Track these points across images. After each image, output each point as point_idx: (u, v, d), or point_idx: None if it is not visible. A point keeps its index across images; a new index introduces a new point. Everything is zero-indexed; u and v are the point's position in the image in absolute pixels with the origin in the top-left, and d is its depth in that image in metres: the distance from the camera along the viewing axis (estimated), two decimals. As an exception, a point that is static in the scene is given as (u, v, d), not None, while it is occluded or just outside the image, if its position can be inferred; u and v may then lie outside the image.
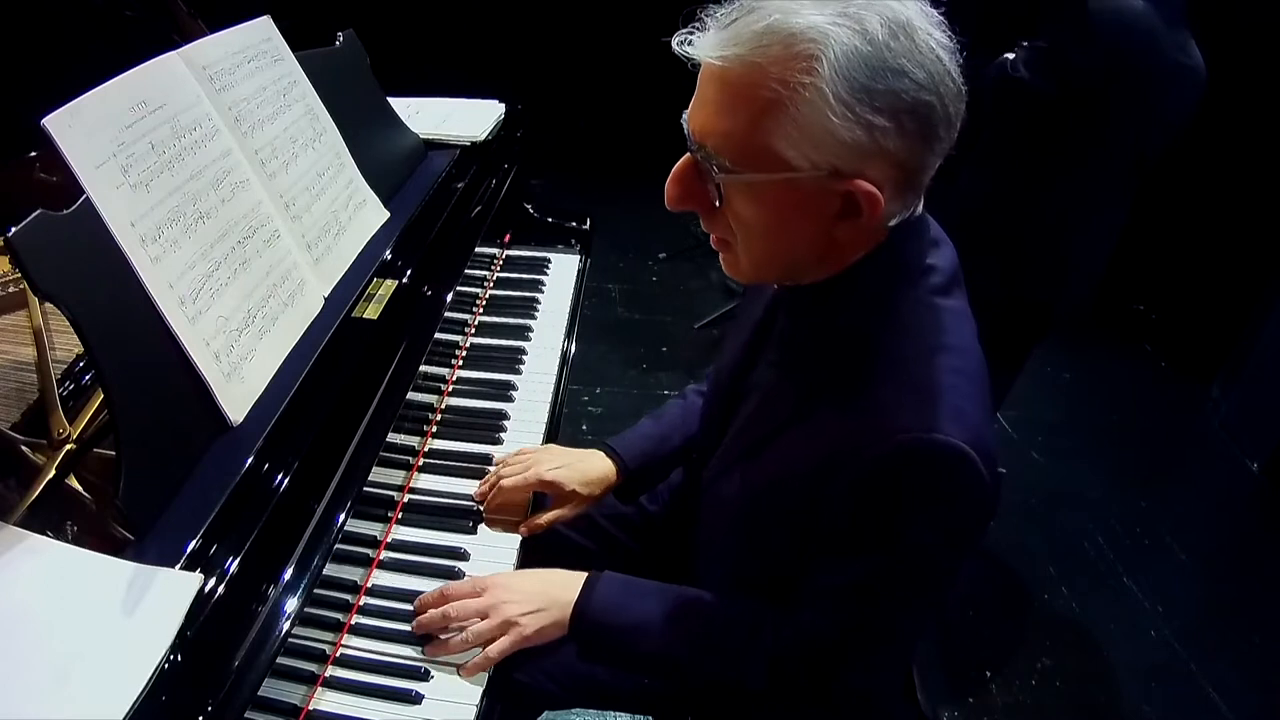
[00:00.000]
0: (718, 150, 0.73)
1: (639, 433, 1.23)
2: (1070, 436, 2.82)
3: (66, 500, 0.86)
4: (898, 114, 0.69)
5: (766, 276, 0.86)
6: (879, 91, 0.68)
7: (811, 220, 0.76)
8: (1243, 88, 3.25)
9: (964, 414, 0.76)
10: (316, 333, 1.10)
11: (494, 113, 1.76)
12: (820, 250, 0.80)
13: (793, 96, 0.68)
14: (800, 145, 0.70)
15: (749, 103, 0.70)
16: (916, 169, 0.74)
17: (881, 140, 0.70)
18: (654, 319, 3.26)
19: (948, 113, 0.72)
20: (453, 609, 0.96)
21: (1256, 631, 2.18)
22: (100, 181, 0.87)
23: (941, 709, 1.89)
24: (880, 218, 0.75)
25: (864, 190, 0.72)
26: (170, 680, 0.70)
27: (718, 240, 0.83)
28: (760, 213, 0.76)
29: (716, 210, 0.78)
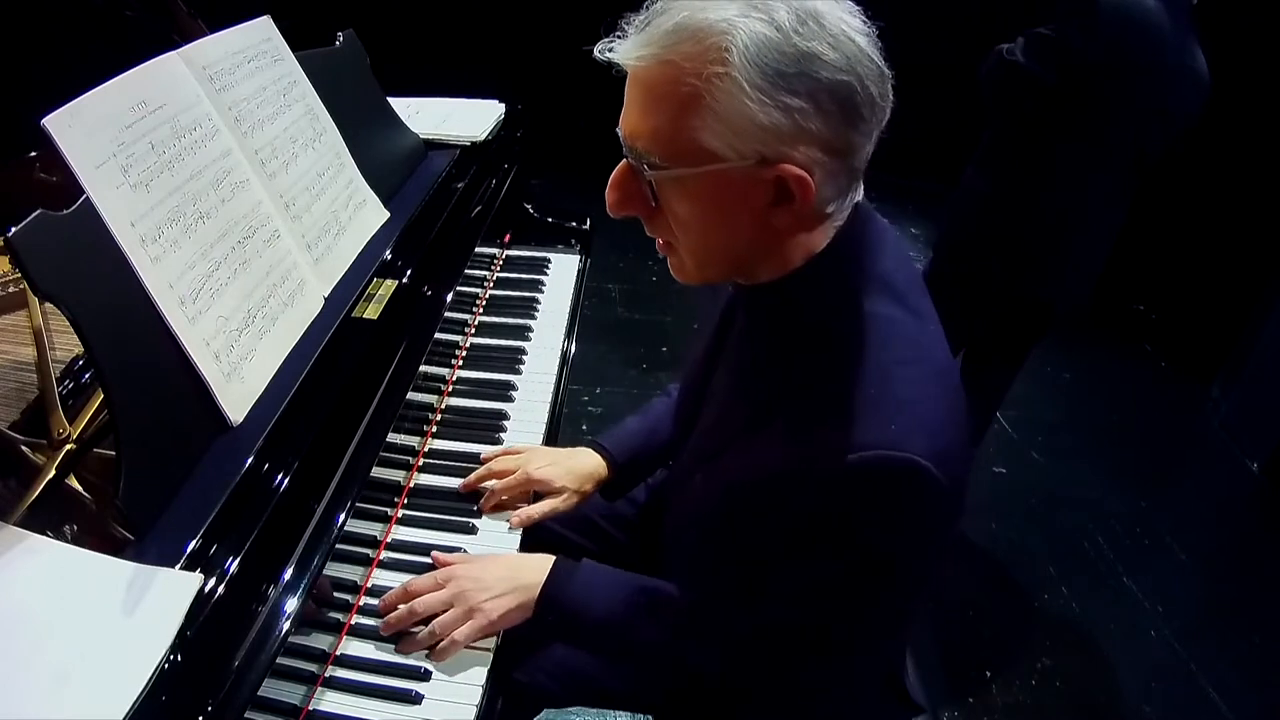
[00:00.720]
0: (647, 150, 0.75)
1: (626, 430, 1.24)
2: (1070, 436, 2.82)
3: (66, 500, 0.85)
4: (814, 94, 0.70)
5: (712, 275, 0.86)
6: (791, 75, 0.69)
7: (746, 211, 0.76)
8: (1242, 88, 3.25)
9: (921, 426, 0.76)
10: (316, 333, 1.10)
11: (494, 113, 1.76)
12: (761, 242, 0.80)
13: (709, 88, 0.70)
14: (723, 135, 0.71)
15: (669, 99, 0.72)
16: (844, 150, 0.74)
17: (802, 121, 0.70)
18: (654, 319, 3.26)
19: (869, 93, 0.72)
20: (418, 604, 0.96)
21: (1256, 631, 2.18)
22: (100, 181, 0.87)
23: (941, 709, 1.89)
24: (814, 202, 0.75)
25: (792, 174, 0.72)
26: (170, 680, 0.70)
27: (663, 244, 0.84)
28: (695, 208, 0.77)
29: (656, 212, 0.80)
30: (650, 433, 1.23)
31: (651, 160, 0.75)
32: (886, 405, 0.76)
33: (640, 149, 0.75)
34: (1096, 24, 1.68)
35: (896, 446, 0.74)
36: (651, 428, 1.24)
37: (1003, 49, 1.83)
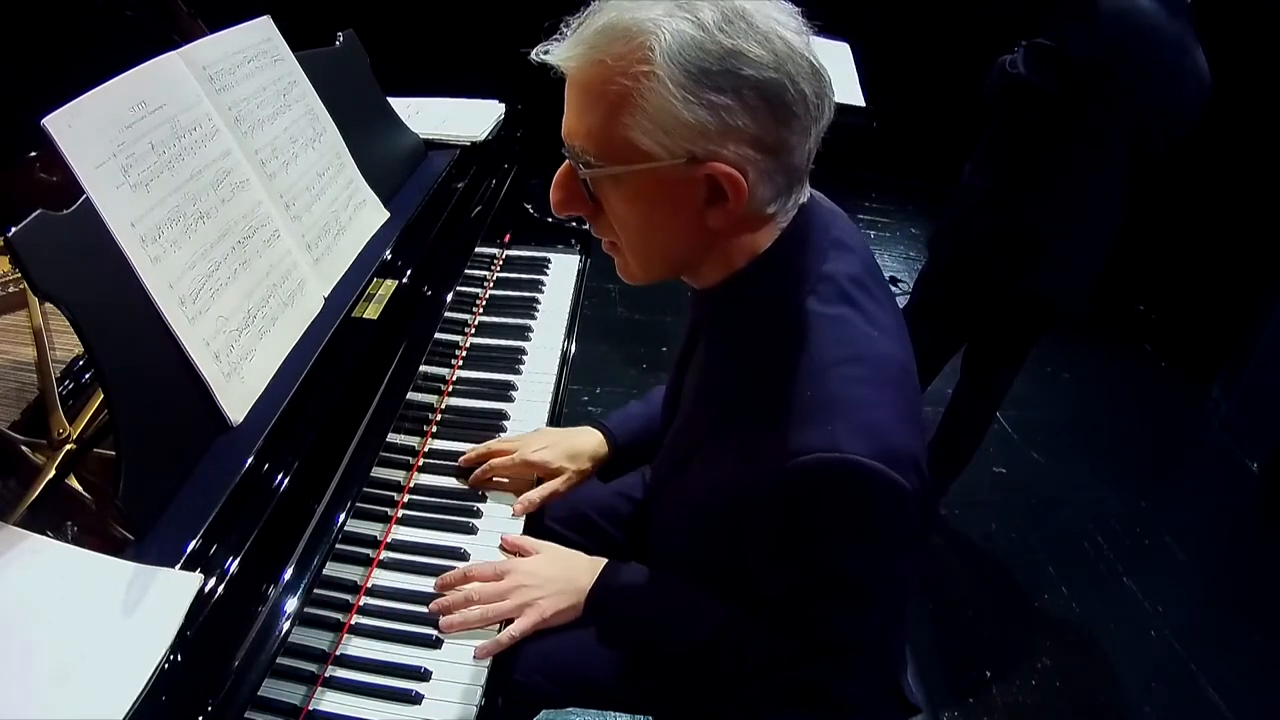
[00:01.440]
0: (583, 149, 0.76)
1: (629, 412, 1.26)
2: (1070, 436, 2.82)
3: (66, 500, 0.86)
4: (739, 91, 0.70)
5: (656, 275, 0.86)
6: (715, 72, 0.70)
7: (681, 210, 0.77)
8: (1242, 88, 3.25)
9: (869, 426, 0.75)
10: (316, 333, 1.10)
11: (494, 113, 1.76)
12: (700, 242, 0.80)
13: (637, 87, 0.71)
14: (653, 133, 0.72)
15: (602, 99, 0.73)
16: (776, 148, 0.74)
17: (729, 119, 0.71)
18: (654, 319, 3.25)
19: (801, 91, 0.72)
20: (474, 590, 0.99)
21: (1256, 631, 2.18)
22: (100, 181, 0.87)
23: (941, 709, 1.89)
24: (749, 201, 0.75)
25: (723, 172, 0.73)
26: (170, 680, 0.70)
27: (608, 244, 0.85)
28: (632, 207, 0.78)
29: (598, 212, 0.81)
30: (650, 418, 1.24)
31: (587, 159, 0.76)
32: (825, 408, 0.76)
33: (577, 148, 0.77)
34: (1096, 29, 1.68)
35: (834, 449, 0.74)
36: (652, 414, 1.24)
37: (1004, 61, 1.84)
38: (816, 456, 0.74)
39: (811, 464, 0.74)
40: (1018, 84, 1.79)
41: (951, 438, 2.30)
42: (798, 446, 0.75)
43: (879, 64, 2.71)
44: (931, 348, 2.15)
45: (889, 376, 0.81)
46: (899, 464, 0.75)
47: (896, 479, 0.74)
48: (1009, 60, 1.83)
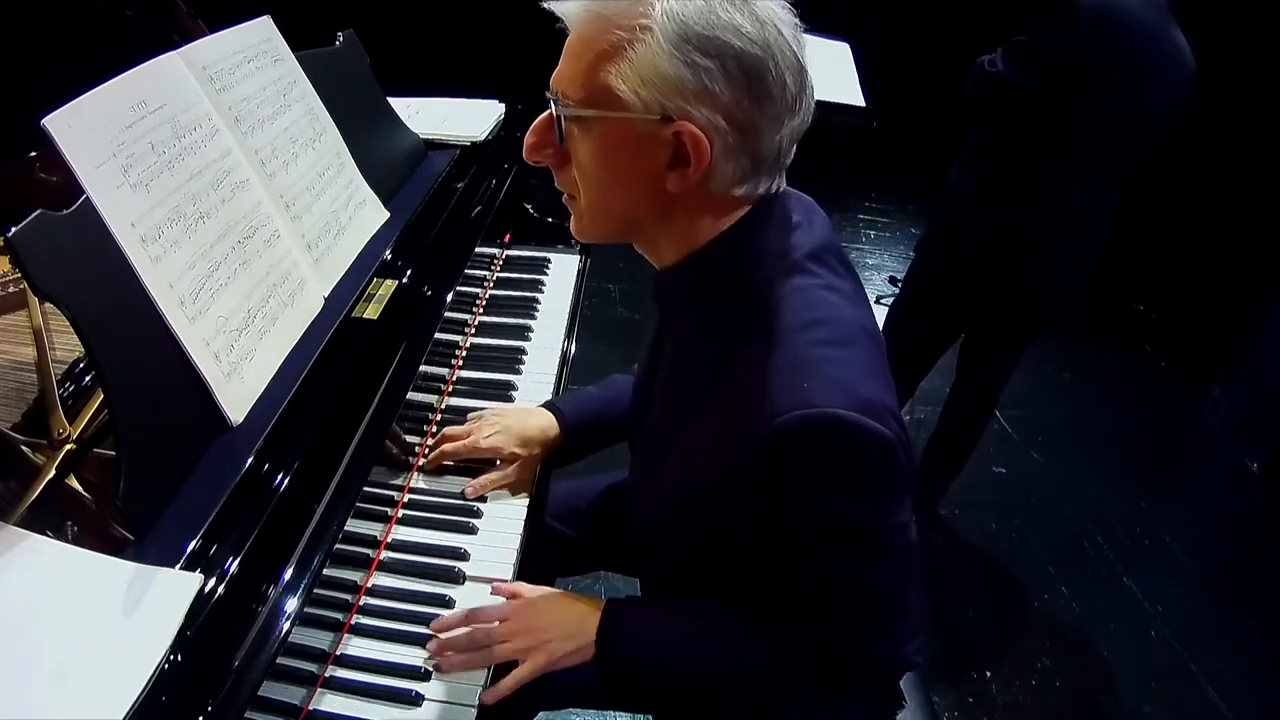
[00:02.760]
0: (564, 92, 0.79)
1: (584, 394, 1.27)
2: (1070, 436, 2.82)
3: (66, 500, 0.86)
4: (724, 59, 0.73)
5: (606, 230, 0.88)
6: (706, 38, 0.72)
7: (642, 167, 0.78)
8: (1242, 88, 3.25)
9: (837, 381, 0.77)
10: (316, 333, 1.10)
11: (494, 113, 1.76)
12: (656, 206, 0.82)
13: (631, 39, 0.74)
14: (631, 82, 0.74)
15: (593, 47, 0.76)
16: (745, 126, 0.75)
17: (707, 81, 0.73)
18: (654, 319, 3.25)
19: (782, 77, 0.75)
20: (480, 634, 0.96)
21: (1256, 631, 2.18)
22: (100, 181, 0.87)
23: (941, 709, 1.89)
24: (709, 173, 0.77)
25: (689, 131, 0.74)
26: (170, 680, 0.70)
27: (568, 198, 0.88)
28: (596, 156, 0.80)
29: (565, 162, 0.84)
30: (606, 404, 1.24)
31: (564, 101, 0.79)
32: (795, 369, 0.78)
33: (560, 91, 0.79)
34: (1075, 25, 1.67)
35: (812, 404, 0.75)
36: (609, 399, 1.25)
37: (984, 61, 1.83)
38: (793, 415, 0.75)
39: (790, 423, 0.75)
40: (999, 83, 1.77)
41: (949, 437, 2.30)
42: (773, 410, 0.76)
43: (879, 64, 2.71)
44: (923, 343, 2.15)
45: (851, 335, 0.82)
46: (874, 413, 0.76)
47: (875, 427, 0.76)
48: (988, 60, 1.81)
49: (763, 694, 0.94)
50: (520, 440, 1.18)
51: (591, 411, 1.23)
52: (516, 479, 1.18)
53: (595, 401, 1.25)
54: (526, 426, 1.19)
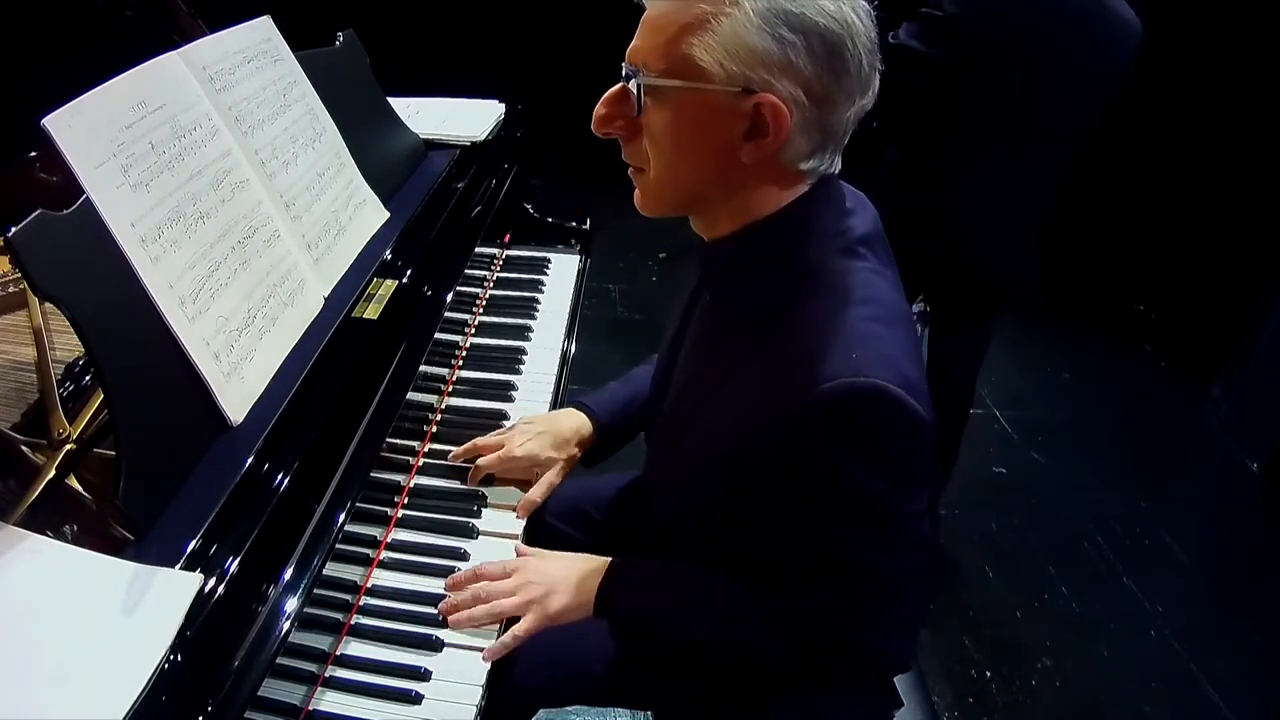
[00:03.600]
0: (644, 64, 0.80)
1: (610, 391, 1.27)
2: (1070, 436, 2.81)
3: (66, 500, 0.86)
4: (808, 34, 0.75)
5: (673, 203, 0.88)
6: (792, 14, 0.74)
7: (718, 137, 0.79)
8: (1242, 88, 3.25)
9: (885, 357, 0.78)
10: (316, 333, 1.10)
11: (494, 113, 1.76)
12: (726, 178, 0.83)
13: (716, 13, 0.75)
14: (716, 53, 0.76)
15: (677, 19, 0.77)
16: (823, 99, 0.77)
17: (791, 55, 0.75)
18: (654, 319, 3.25)
19: (859, 58, 0.77)
20: (482, 589, 0.99)
21: (1256, 631, 2.18)
22: (100, 181, 0.87)
23: (941, 709, 1.89)
24: (785, 145, 0.78)
25: (770, 102, 0.76)
26: (170, 680, 0.70)
27: (634, 170, 0.88)
28: (672, 126, 0.80)
29: (635, 133, 0.84)
30: (632, 397, 1.25)
31: (643, 72, 0.80)
32: (845, 339, 0.79)
33: (637, 62, 0.80)
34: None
35: (860, 373, 0.76)
36: (633, 394, 1.25)
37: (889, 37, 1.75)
38: (841, 381, 0.76)
39: (837, 389, 0.76)
40: (905, 55, 1.71)
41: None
42: (822, 374, 0.77)
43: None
44: None
45: (896, 316, 0.84)
46: (915, 393, 0.78)
47: (915, 405, 0.77)
48: (893, 35, 1.74)
49: (742, 669, 0.96)
50: (555, 444, 1.18)
51: (620, 406, 1.24)
52: (561, 482, 1.18)
53: (622, 396, 1.25)
54: (560, 429, 1.19)
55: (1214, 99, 3.38)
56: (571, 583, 1.00)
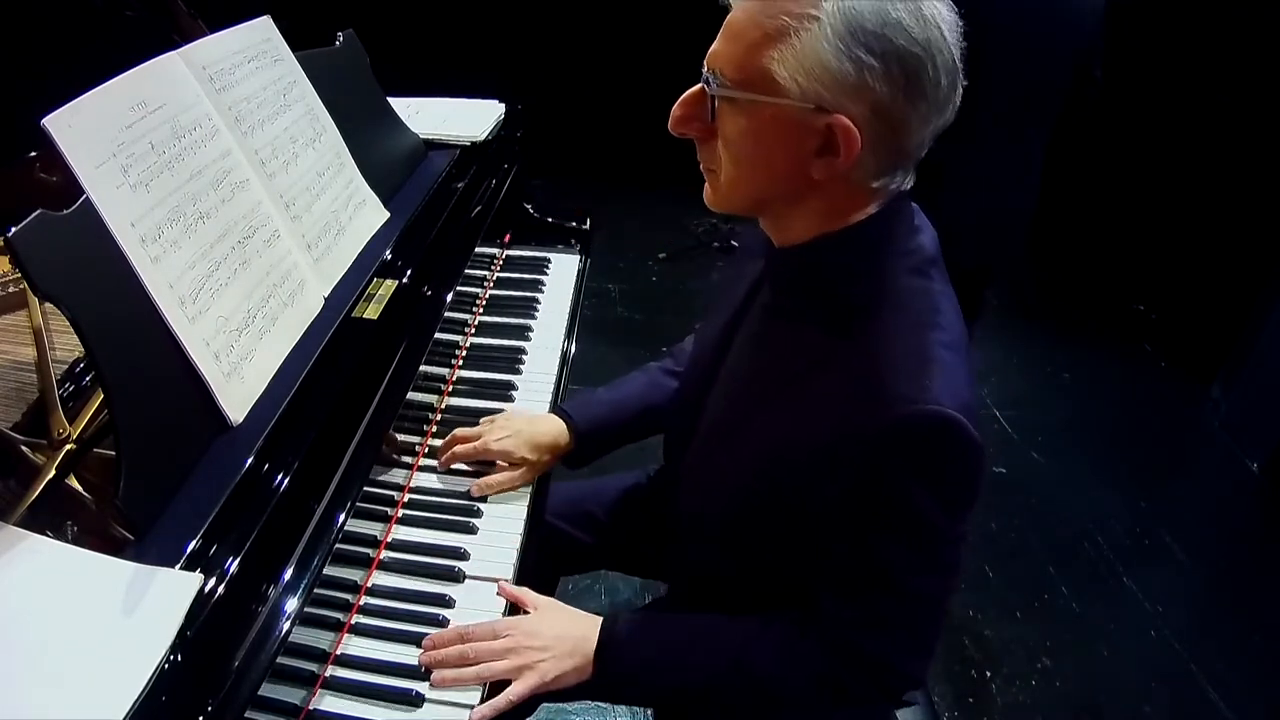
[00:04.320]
0: (721, 70, 0.79)
1: (594, 398, 1.26)
2: (1070, 436, 2.81)
3: (66, 500, 0.85)
4: (886, 57, 0.73)
5: (742, 205, 0.88)
6: (874, 34, 0.73)
7: (790, 152, 0.79)
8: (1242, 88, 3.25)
9: (954, 385, 0.79)
10: (316, 333, 1.10)
11: (494, 113, 1.76)
12: (794, 189, 0.83)
13: (797, 27, 0.74)
14: (793, 70, 0.75)
15: (757, 29, 0.76)
16: (896, 123, 0.77)
17: (869, 79, 0.74)
18: (654, 319, 3.26)
19: (938, 78, 0.76)
20: (471, 649, 0.94)
21: (1256, 631, 2.18)
22: (100, 181, 0.87)
23: (942, 709, 1.89)
24: (856, 163, 0.78)
25: (842, 124, 0.75)
26: (170, 680, 0.70)
27: (706, 170, 0.88)
28: (745, 136, 0.80)
29: (710, 136, 0.84)
30: (617, 405, 1.24)
31: (720, 79, 0.79)
32: (917, 363, 0.80)
33: (715, 68, 0.80)
34: None
35: (931, 401, 0.77)
36: (619, 400, 1.24)
37: None
38: (915, 408, 0.77)
39: (911, 415, 0.77)
40: None
41: None
42: (894, 397, 0.78)
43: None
44: None
45: (961, 341, 0.85)
46: (974, 420, 0.79)
47: (977, 436, 0.79)
48: None
49: (763, 701, 0.94)
50: (531, 446, 1.18)
51: (603, 417, 1.23)
52: (523, 483, 1.18)
53: (606, 406, 1.24)
54: (537, 432, 1.19)
55: (1214, 99, 3.38)
56: (566, 645, 0.97)
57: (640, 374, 1.29)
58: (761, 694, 0.93)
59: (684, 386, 1.13)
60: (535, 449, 1.18)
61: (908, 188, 0.85)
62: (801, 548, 0.90)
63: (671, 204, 3.99)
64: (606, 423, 1.23)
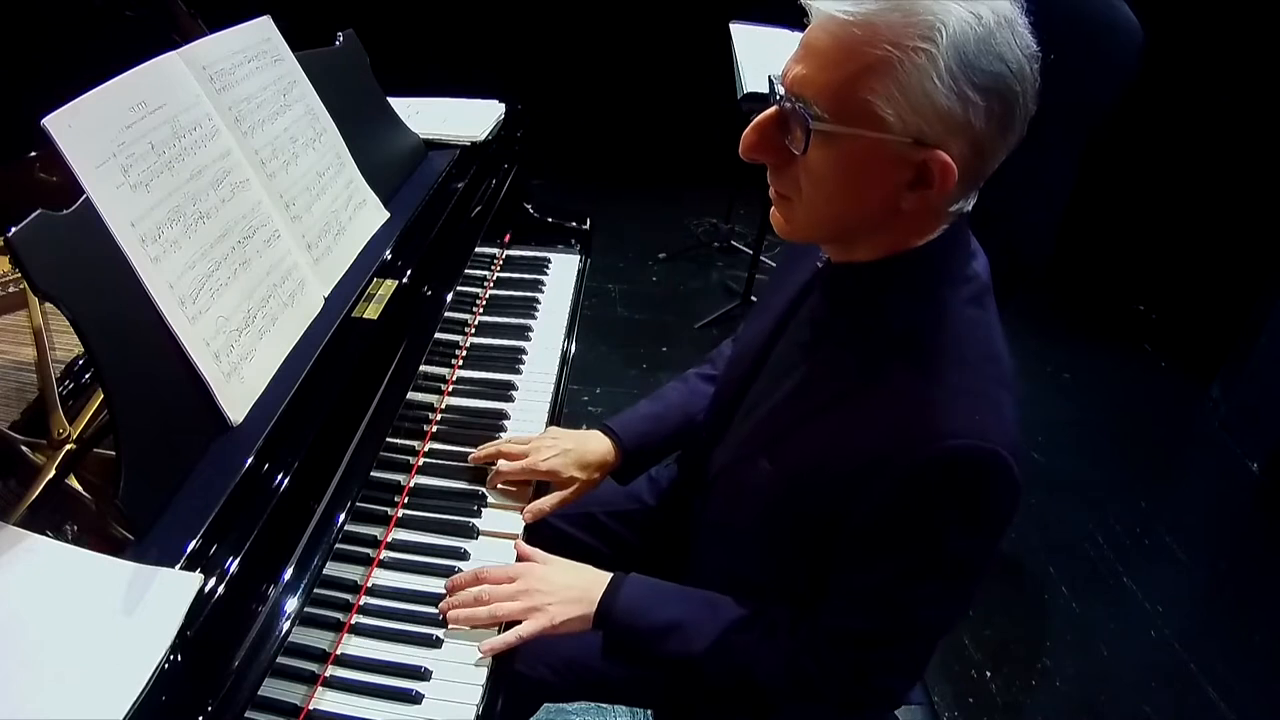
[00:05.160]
0: (814, 99, 0.74)
1: (638, 414, 1.25)
2: (1070, 436, 2.82)
3: (66, 500, 0.85)
4: (989, 95, 0.72)
5: (818, 236, 0.87)
6: (982, 70, 0.71)
7: (883, 184, 0.77)
8: (1242, 88, 3.25)
9: (1001, 420, 0.79)
10: (316, 333, 1.10)
11: (494, 113, 1.76)
12: (878, 218, 0.81)
13: (903, 59, 0.70)
14: (898, 106, 0.72)
15: (858, 58, 0.72)
16: (987, 156, 0.76)
17: (971, 116, 0.72)
18: (654, 319, 3.26)
19: (1026, 109, 0.75)
20: (485, 591, 0.99)
21: (1256, 631, 2.18)
22: (100, 181, 0.87)
23: (941, 709, 1.89)
24: (947, 196, 0.77)
25: (941, 160, 0.73)
26: (170, 680, 0.70)
27: (777, 195, 0.84)
28: (837, 168, 0.77)
29: (789, 163, 0.80)
30: (661, 418, 1.24)
31: (814, 111, 0.74)
32: (972, 397, 0.79)
33: (808, 97, 0.75)
34: None
35: (984, 437, 0.76)
36: (663, 413, 1.24)
37: None
38: (965, 443, 0.76)
39: (959, 449, 0.76)
40: None
41: None
42: (945, 430, 0.77)
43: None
44: None
45: (1011, 375, 0.84)
46: (1020, 462, 0.78)
47: (1019, 475, 0.78)
48: None
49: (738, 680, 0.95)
50: (579, 464, 1.17)
51: (647, 433, 1.22)
52: (573, 502, 1.17)
53: (650, 421, 1.24)
54: (586, 451, 1.19)
55: (1214, 99, 3.38)
56: (575, 592, 0.99)
57: (679, 384, 1.29)
58: (737, 673, 0.94)
59: (722, 388, 1.12)
60: (584, 468, 1.17)
61: (969, 209, 0.83)
62: (821, 556, 0.89)
63: (671, 204, 4.00)
64: (651, 437, 1.22)
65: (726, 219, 3.81)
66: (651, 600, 0.99)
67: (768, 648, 0.93)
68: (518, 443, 1.20)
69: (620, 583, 1.00)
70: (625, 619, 0.98)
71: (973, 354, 0.82)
